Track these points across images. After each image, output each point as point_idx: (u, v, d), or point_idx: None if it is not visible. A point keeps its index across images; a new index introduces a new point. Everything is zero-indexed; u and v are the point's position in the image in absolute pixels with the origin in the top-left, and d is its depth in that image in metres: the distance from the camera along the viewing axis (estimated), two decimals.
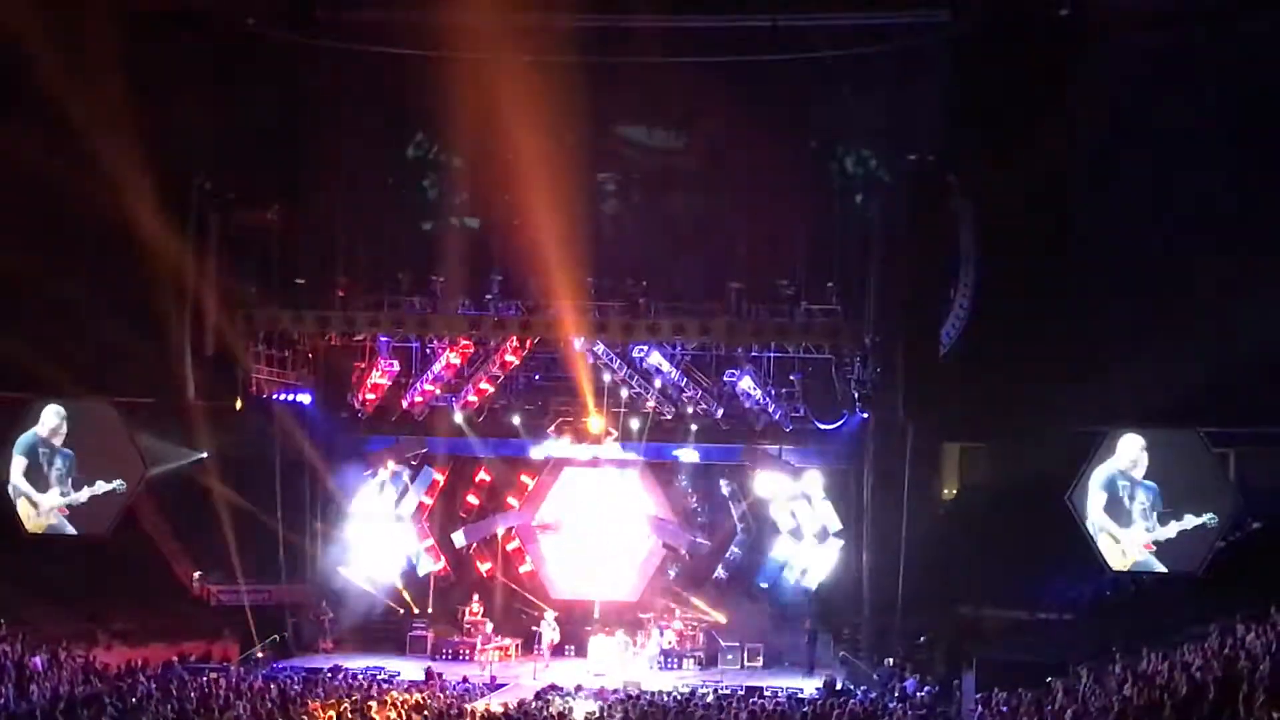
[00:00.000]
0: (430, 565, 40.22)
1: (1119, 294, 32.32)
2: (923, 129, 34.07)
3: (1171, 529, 30.87)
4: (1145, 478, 31.09)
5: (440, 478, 40.21)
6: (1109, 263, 32.74)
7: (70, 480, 33.44)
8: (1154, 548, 30.83)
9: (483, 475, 40.79)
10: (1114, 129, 32.61)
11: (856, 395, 35.84)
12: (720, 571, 40.03)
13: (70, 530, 33.87)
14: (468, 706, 28.25)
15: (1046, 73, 33.00)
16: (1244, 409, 32.11)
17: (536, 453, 40.01)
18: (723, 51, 34.59)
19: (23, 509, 33.59)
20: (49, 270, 33.39)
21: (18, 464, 33.37)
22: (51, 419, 33.39)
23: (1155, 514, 30.81)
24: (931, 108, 34.23)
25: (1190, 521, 30.79)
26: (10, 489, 33.46)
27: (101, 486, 33.64)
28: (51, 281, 33.81)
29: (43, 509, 33.71)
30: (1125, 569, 31.47)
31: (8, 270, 32.56)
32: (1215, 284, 31.40)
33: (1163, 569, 31.43)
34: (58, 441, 33.51)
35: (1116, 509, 31.04)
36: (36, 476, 33.42)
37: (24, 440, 33.39)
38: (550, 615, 38.83)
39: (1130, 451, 31.09)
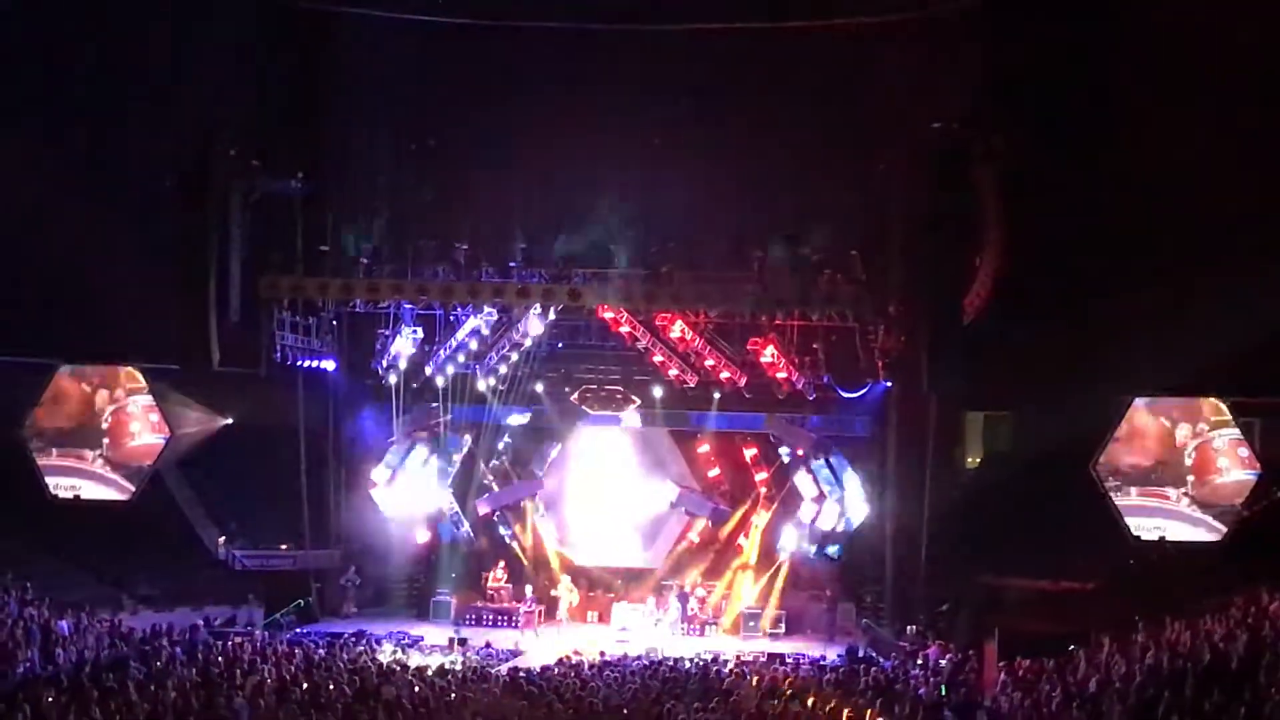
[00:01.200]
0: (454, 531, 40.31)
1: (1145, 262, 32.15)
2: (949, 96, 33.90)
3: None
4: None
5: (463, 445, 40.23)
6: (1135, 230, 32.57)
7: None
8: None
9: (507, 442, 40.83)
10: (1143, 95, 32.39)
11: (880, 363, 35.80)
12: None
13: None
14: (491, 671, 28.37)
15: (1074, 39, 32.83)
16: (1269, 378, 32.01)
17: (560, 420, 40.06)
18: (750, 18, 34.49)
19: None
20: (78, 237, 33.52)
21: None
22: None
23: None
24: (958, 75, 34.06)
25: None
26: None
27: None
28: (76, 249, 33.93)
29: None
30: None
31: (42, 239, 32.77)
32: (1243, 252, 31.24)
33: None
34: None
35: None
36: None
37: None
38: (566, 580, 39.00)
39: None
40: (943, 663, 29.43)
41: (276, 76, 35.88)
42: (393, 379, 37.96)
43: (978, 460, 39.77)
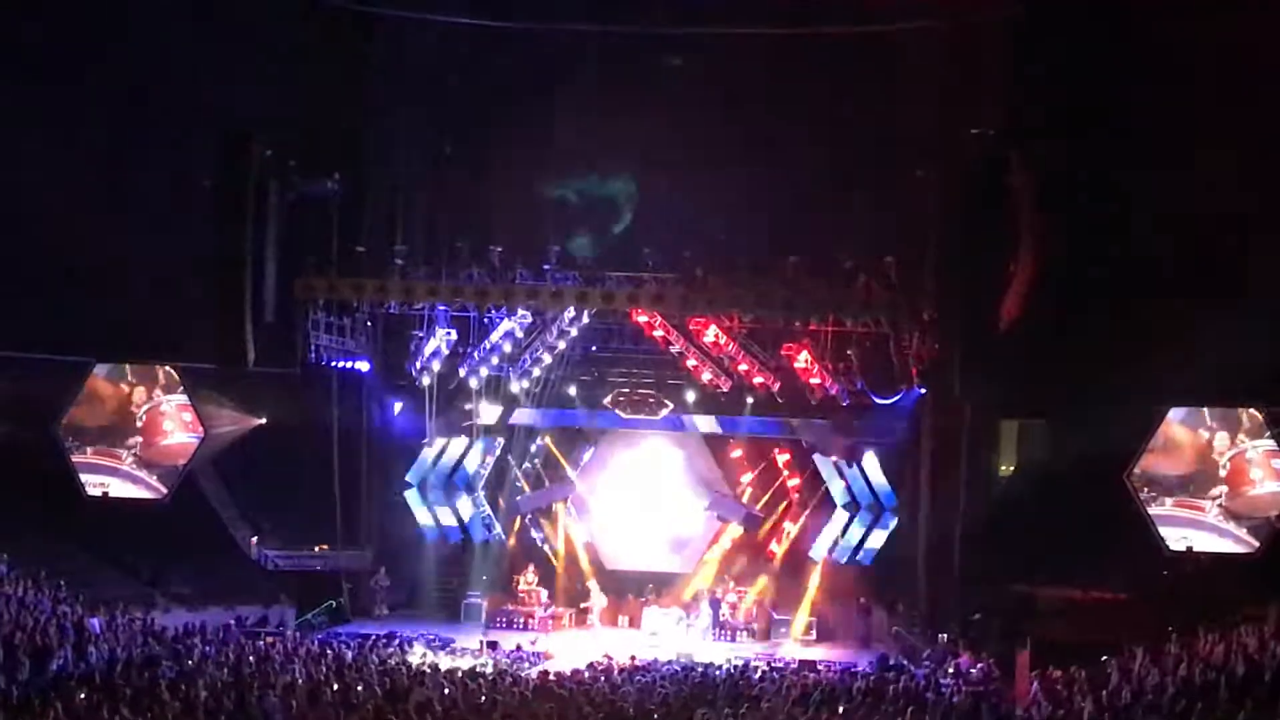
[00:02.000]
0: (485, 534, 40.38)
1: (1181, 271, 31.99)
2: (984, 103, 33.81)
3: None
4: None
5: (497, 448, 40.28)
6: (1171, 239, 32.42)
7: None
8: None
9: (539, 445, 40.89)
10: (1179, 104, 32.24)
11: (914, 370, 35.71)
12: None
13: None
14: (521, 674, 28.40)
15: (1111, 49, 32.71)
16: None
17: (592, 424, 40.07)
18: (787, 23, 34.46)
19: None
20: (111, 235, 33.67)
21: None
22: None
23: None
24: (996, 84, 33.97)
25: None
26: None
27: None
28: (113, 247, 34.10)
29: None
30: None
31: (79, 238, 32.94)
32: None
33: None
34: None
35: None
36: None
37: None
38: (594, 584, 39.10)
39: None
40: (974, 671, 29.36)
41: (313, 77, 35.93)
42: (426, 380, 37.97)
43: (1011, 468, 39.68)
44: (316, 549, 38.69)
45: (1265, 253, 31.23)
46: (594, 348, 39.65)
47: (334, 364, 37.22)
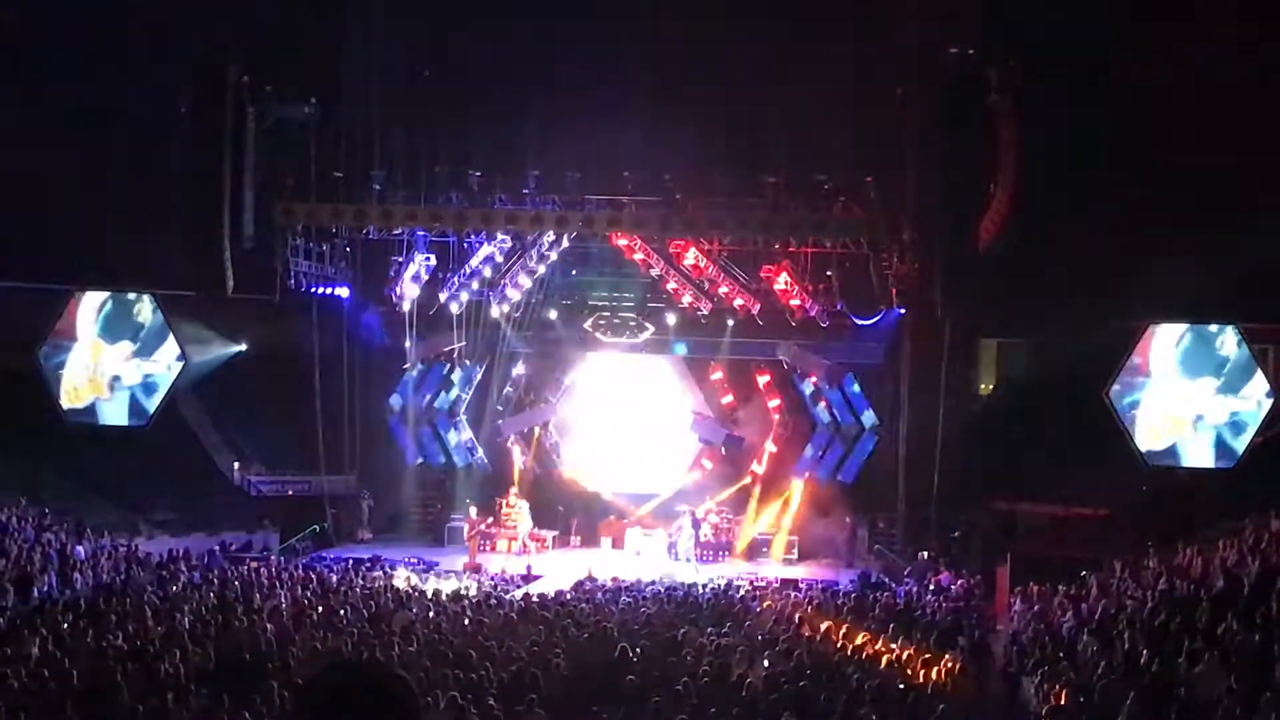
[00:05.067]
0: (467, 458, 40.48)
1: (1160, 188, 32.02)
2: (962, 23, 33.71)
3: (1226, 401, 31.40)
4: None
5: (477, 372, 40.31)
6: (1150, 157, 32.44)
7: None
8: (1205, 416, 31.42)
9: (520, 370, 40.92)
10: (1155, 21, 32.19)
11: (894, 290, 35.75)
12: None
13: (103, 420, 34.81)
14: (505, 596, 28.56)
15: None
16: None
17: (574, 347, 40.11)
18: None
19: (77, 359, 34.89)
20: (89, 165, 33.53)
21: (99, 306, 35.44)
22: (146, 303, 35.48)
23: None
24: (971, 1, 33.90)
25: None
26: (79, 330, 34.54)
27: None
28: (92, 175, 33.97)
29: (104, 366, 34.97)
30: (1162, 447, 31.83)
31: (56, 168, 32.84)
32: (1258, 178, 31.12)
33: (1194, 461, 31.78)
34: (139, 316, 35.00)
35: (1193, 359, 31.61)
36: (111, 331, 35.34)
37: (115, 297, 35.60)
38: (522, 505, 39.10)
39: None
40: (954, 588, 29.60)
41: (289, 2, 35.73)
42: (406, 306, 37.96)
43: (991, 386, 39.83)
44: (299, 475, 38.70)
45: (1247, 170, 31.28)
46: (574, 272, 39.63)
47: (314, 290, 37.17)
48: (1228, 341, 32.28)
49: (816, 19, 35.07)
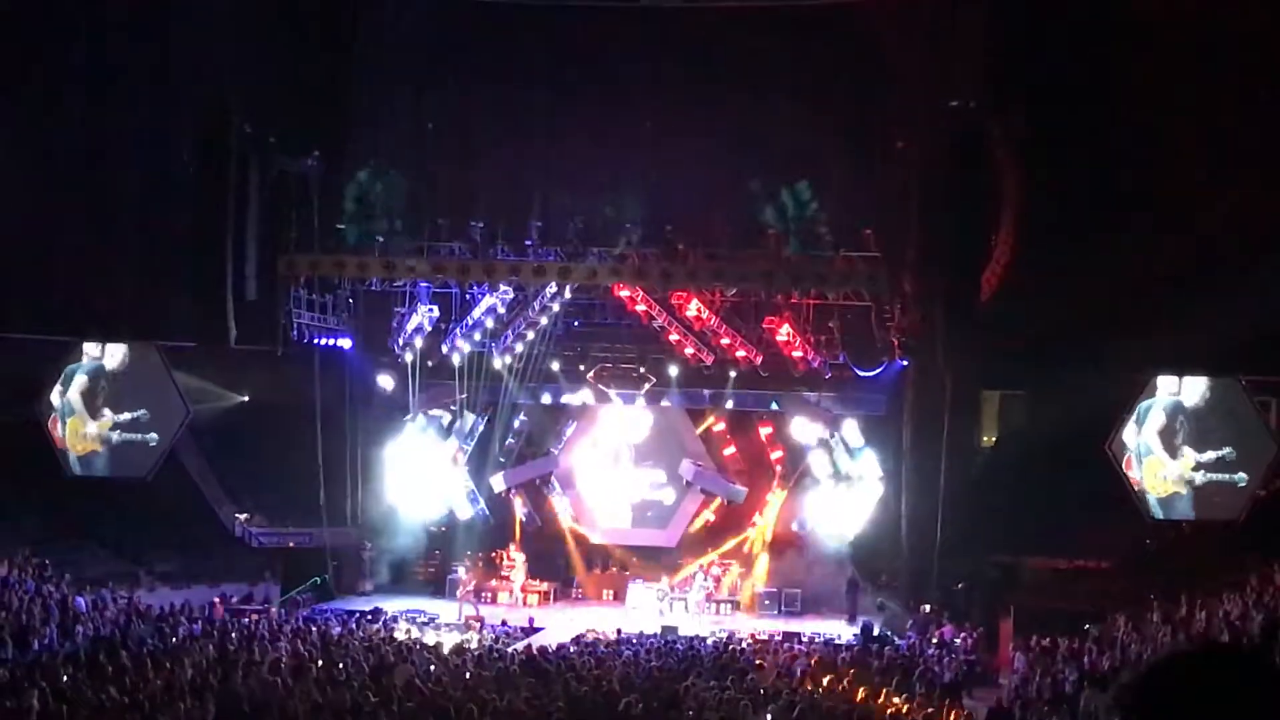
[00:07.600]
0: (469, 509, 40.41)
1: (1163, 241, 32.08)
2: (965, 75, 33.86)
3: (1209, 455, 31.28)
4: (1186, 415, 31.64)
5: (479, 423, 40.29)
6: (1152, 210, 32.53)
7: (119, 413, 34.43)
8: (1194, 476, 31.26)
9: (522, 421, 40.91)
10: (1159, 73, 32.31)
11: (896, 342, 35.76)
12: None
13: (103, 471, 34.65)
14: (508, 649, 28.44)
15: (1089, 18, 32.79)
16: None
17: (575, 399, 40.11)
18: None
19: (71, 428, 34.29)
20: (92, 214, 33.62)
21: (79, 382, 34.33)
22: (117, 353, 34.66)
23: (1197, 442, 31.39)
24: (973, 53, 34.02)
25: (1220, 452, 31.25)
26: (63, 404, 34.23)
27: (141, 428, 34.50)
28: (95, 226, 34.06)
29: (89, 434, 34.43)
30: (1162, 495, 31.74)
31: (61, 218, 32.90)
32: (1262, 231, 31.18)
33: (1193, 514, 31.74)
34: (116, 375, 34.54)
35: (1170, 436, 31.39)
36: (91, 401, 34.42)
37: (88, 365, 34.61)
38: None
39: (1170, 385, 31.64)
40: (957, 641, 29.51)
41: (294, 53, 35.91)
42: (409, 357, 37.97)
43: (993, 439, 39.78)
44: (300, 528, 38.62)
45: (1248, 222, 31.36)
46: (576, 323, 39.66)
47: (316, 341, 37.18)
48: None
49: (818, 72, 35.23)
